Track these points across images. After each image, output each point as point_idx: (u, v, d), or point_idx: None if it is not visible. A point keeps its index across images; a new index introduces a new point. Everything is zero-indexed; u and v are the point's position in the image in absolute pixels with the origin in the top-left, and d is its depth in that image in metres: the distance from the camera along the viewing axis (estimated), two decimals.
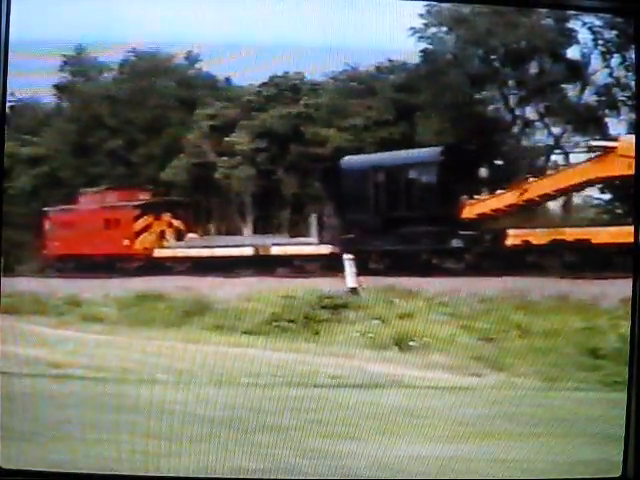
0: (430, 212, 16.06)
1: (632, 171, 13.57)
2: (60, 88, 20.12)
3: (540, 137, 17.66)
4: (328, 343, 14.30)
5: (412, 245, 16.00)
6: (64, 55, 19.40)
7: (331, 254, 16.62)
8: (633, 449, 7.81)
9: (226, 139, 19.41)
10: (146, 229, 18.65)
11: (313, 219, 17.68)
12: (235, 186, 19.16)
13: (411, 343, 14.10)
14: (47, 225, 18.81)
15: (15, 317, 15.17)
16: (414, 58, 17.74)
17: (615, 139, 15.16)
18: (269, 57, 16.24)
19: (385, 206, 16.66)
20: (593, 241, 14.95)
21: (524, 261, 15.32)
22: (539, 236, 15.36)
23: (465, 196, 16.16)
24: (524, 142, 17.68)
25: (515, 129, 17.94)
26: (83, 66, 19.95)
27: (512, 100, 17.80)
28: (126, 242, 18.42)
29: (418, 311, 14.77)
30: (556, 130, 17.63)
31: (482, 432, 10.26)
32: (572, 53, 16.92)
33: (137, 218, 18.60)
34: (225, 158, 19.36)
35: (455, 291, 14.91)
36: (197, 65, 19.85)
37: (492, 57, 17.58)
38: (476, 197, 16.23)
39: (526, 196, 15.72)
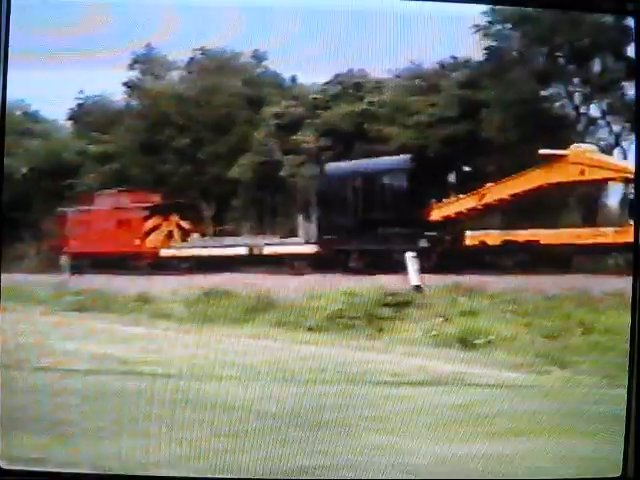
0: (401, 214, 17.21)
1: (582, 177, 15.43)
2: (130, 86, 20.42)
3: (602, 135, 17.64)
4: (391, 340, 14.32)
5: (386, 245, 17.05)
6: (133, 53, 19.72)
7: (316, 253, 17.76)
8: (633, 449, 7.78)
9: (292, 137, 19.54)
10: (155, 229, 19.25)
11: (301, 220, 18.72)
12: (300, 184, 19.33)
13: (476, 341, 14.08)
14: (66, 225, 19.46)
15: (85, 314, 15.54)
16: (478, 55, 17.74)
17: (566, 148, 16.14)
18: (334, 55, 16.28)
19: (362, 209, 17.78)
20: (542, 242, 16.09)
21: (482, 259, 16.41)
22: (493, 237, 16.50)
23: (433, 200, 17.25)
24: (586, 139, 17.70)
25: (579, 126, 17.86)
26: (152, 64, 20.22)
27: (575, 97, 17.70)
28: (136, 241, 19.07)
29: (482, 309, 14.83)
30: (616, 128, 17.55)
31: (546, 430, 10.17)
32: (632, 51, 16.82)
33: (147, 219, 19.22)
34: (291, 156, 19.47)
35: (518, 289, 14.97)
36: (264, 63, 20.00)
37: (556, 54, 17.45)
38: (444, 201, 17.29)
39: (484, 200, 16.85)
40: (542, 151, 16.22)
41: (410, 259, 16.23)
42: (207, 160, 20.02)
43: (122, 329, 14.96)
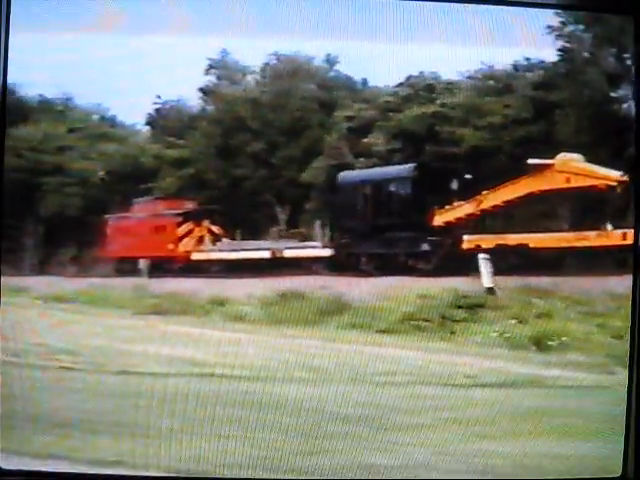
0: (406, 220, 18.25)
1: (568, 184, 16.68)
2: (205, 91, 20.64)
3: None
4: (464, 342, 14.32)
5: (393, 248, 18.09)
6: (209, 59, 19.93)
7: (332, 256, 18.67)
8: (633, 449, 7.75)
9: (363, 140, 19.61)
10: (188, 234, 20.04)
11: (317, 226, 19.47)
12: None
13: (549, 342, 14.07)
14: (108, 230, 20.02)
15: (162, 317, 15.78)
16: (552, 56, 17.63)
17: (552, 157, 17.09)
18: (405, 57, 16.25)
19: (372, 215, 18.82)
20: (531, 245, 17.00)
21: (477, 262, 16.91)
22: (487, 241, 17.32)
23: (436, 206, 18.11)
24: None
25: None
26: (227, 70, 20.41)
27: None
28: (171, 246, 19.91)
29: (555, 310, 14.81)
30: None
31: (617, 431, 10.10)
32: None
33: (180, 225, 20.00)
34: (362, 159, 19.55)
35: (589, 289, 14.95)
36: (336, 67, 20.07)
37: (624, 55, 17.26)
38: (446, 207, 18.12)
39: (481, 206, 17.79)
40: (531, 160, 17.20)
41: (483, 261, 16.28)
42: (281, 164, 20.18)
43: (198, 331, 15.13)
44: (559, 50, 17.50)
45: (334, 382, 12.45)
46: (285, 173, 20.05)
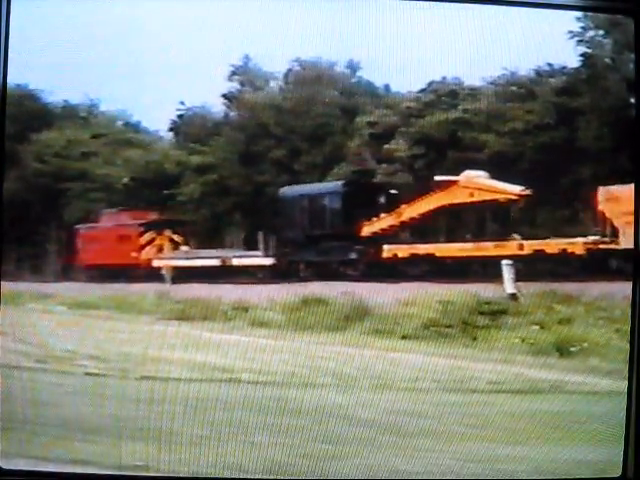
0: (338, 231, 19.58)
1: (472, 199, 18.06)
2: (228, 97, 20.72)
3: None
4: (487, 349, 14.30)
5: (326, 256, 19.40)
6: (232, 65, 20.02)
7: (273, 265, 19.79)
8: (633, 449, 7.73)
9: (385, 146, 19.65)
10: (150, 243, 20.79)
11: (260, 236, 20.31)
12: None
13: (571, 348, 14.05)
14: (78, 240, 20.78)
15: (186, 323, 15.83)
16: (573, 62, 17.63)
17: (457, 174, 18.46)
18: (427, 63, 16.25)
19: (308, 226, 20.00)
20: (437, 255, 18.33)
21: (395, 269, 18.53)
22: (402, 250, 18.68)
23: (363, 218, 19.37)
24: None
25: None
26: (250, 76, 20.47)
27: None
28: (134, 254, 20.68)
29: (576, 316, 14.80)
30: None
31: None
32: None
33: (143, 234, 20.72)
34: (384, 165, 19.61)
35: (609, 295, 14.91)
36: (358, 73, 20.09)
37: None
38: (373, 219, 19.39)
39: (400, 219, 19.13)
40: (437, 177, 18.64)
41: (505, 267, 16.29)
42: (303, 170, 20.25)
43: (221, 337, 15.17)
44: (581, 56, 17.51)
45: (358, 388, 12.49)
46: (307, 179, 20.12)
